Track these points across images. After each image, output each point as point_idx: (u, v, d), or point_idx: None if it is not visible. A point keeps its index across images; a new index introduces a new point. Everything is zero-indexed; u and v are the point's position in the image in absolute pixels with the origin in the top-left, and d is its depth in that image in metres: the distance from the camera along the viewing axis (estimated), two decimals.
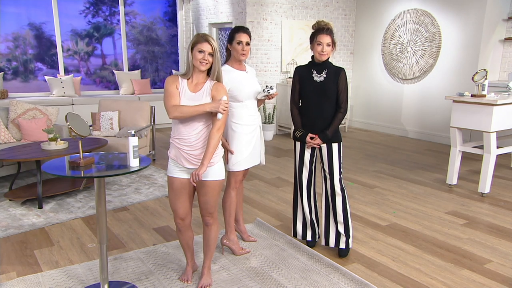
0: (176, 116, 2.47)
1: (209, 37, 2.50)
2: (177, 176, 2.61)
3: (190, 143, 2.54)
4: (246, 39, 3.00)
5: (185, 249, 2.87)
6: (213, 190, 2.64)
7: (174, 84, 2.54)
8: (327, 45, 3.03)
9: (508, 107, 4.47)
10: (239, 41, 2.98)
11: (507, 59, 6.77)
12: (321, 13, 8.14)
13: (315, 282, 2.89)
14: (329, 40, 3.02)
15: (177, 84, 2.54)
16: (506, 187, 4.95)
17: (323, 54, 3.06)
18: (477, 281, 2.94)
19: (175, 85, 2.54)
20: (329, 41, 3.03)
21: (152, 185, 4.99)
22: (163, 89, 2.59)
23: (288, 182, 5.10)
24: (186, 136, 2.54)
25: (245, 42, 2.99)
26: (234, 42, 3.00)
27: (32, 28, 7.93)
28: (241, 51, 2.99)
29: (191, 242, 2.85)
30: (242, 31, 3.00)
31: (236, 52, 3.00)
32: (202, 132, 2.55)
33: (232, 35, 3.02)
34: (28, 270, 3.06)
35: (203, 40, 2.47)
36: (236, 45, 2.99)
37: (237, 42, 2.99)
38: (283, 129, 8.07)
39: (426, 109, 7.42)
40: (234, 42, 3.00)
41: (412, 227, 3.83)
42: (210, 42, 2.47)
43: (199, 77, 2.57)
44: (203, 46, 2.47)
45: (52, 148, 4.36)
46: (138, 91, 8.50)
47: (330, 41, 3.03)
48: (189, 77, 2.57)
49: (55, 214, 4.09)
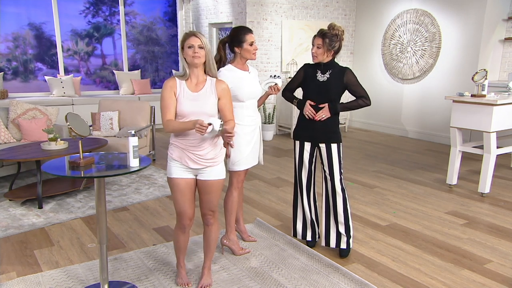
0: (169, 131, 2.53)
1: (196, 32, 2.51)
2: (182, 177, 2.59)
3: (197, 143, 2.54)
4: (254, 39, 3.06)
5: (182, 252, 2.83)
6: (216, 189, 2.66)
7: (171, 90, 2.51)
8: (317, 47, 3.07)
9: (508, 107, 4.47)
10: (251, 42, 3.02)
11: (507, 59, 6.77)
12: (321, 13, 8.14)
13: (315, 282, 2.89)
14: (319, 42, 3.06)
15: (174, 90, 2.52)
16: (506, 187, 4.95)
17: (313, 56, 3.12)
18: (477, 281, 2.94)
19: (173, 91, 2.51)
20: (319, 43, 3.06)
21: (152, 185, 4.99)
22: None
23: (288, 182, 5.10)
24: (192, 138, 2.53)
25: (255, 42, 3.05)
26: (246, 44, 3.00)
27: (32, 28, 7.93)
28: (253, 51, 3.04)
29: (187, 242, 2.84)
30: (250, 31, 3.04)
31: (249, 53, 3.02)
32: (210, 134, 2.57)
33: (242, 37, 3.00)
34: (28, 270, 3.06)
35: (191, 35, 2.49)
36: (249, 47, 3.01)
37: (250, 43, 3.01)
38: (283, 129, 8.07)
39: (426, 109, 7.42)
40: (246, 44, 3.00)
41: (412, 227, 3.83)
42: (198, 36, 2.48)
43: (198, 76, 2.56)
44: (191, 40, 2.47)
45: (52, 148, 4.35)
46: (138, 91, 8.50)
47: (320, 43, 3.05)
48: (187, 77, 2.56)
49: (55, 214, 4.09)
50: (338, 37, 3.05)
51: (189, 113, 2.50)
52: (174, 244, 2.81)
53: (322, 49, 3.06)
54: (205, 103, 2.53)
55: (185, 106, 2.50)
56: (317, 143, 3.19)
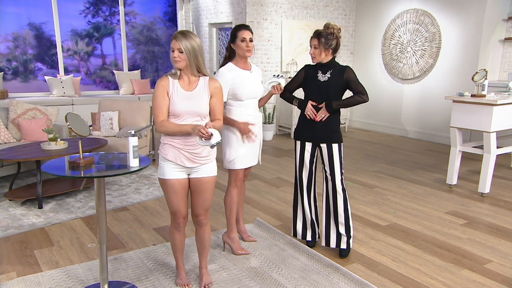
0: (162, 131, 2.54)
1: (179, 34, 2.45)
2: (177, 177, 2.60)
3: (193, 142, 2.54)
4: (249, 36, 3.02)
5: (179, 252, 2.83)
6: (211, 186, 2.68)
7: (164, 89, 2.51)
8: (314, 47, 3.09)
9: (508, 107, 4.47)
10: (243, 38, 3.00)
11: (507, 59, 6.77)
12: (321, 13, 8.14)
13: (315, 282, 2.89)
14: (315, 42, 3.08)
15: (167, 89, 2.51)
16: (506, 187, 4.95)
17: (312, 57, 3.13)
18: (477, 281, 2.94)
19: (165, 90, 2.51)
20: (316, 44, 3.07)
21: (152, 185, 4.99)
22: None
23: (288, 182, 5.10)
24: (189, 136, 2.53)
25: (248, 38, 3.01)
26: (238, 40, 3.01)
27: (32, 28, 7.93)
28: (246, 47, 3.00)
29: (184, 242, 2.85)
30: (244, 28, 3.03)
31: (241, 49, 3.01)
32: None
33: (235, 34, 3.03)
34: (28, 270, 3.06)
35: (173, 38, 2.46)
36: (240, 43, 3.00)
37: (241, 40, 3.00)
38: (283, 129, 8.07)
39: (426, 109, 7.42)
40: (238, 40, 3.01)
41: (412, 227, 3.83)
42: (176, 38, 2.44)
43: (189, 75, 2.55)
44: (173, 44, 2.46)
45: (52, 148, 4.35)
46: (138, 91, 8.49)
47: (316, 43, 3.07)
48: (179, 77, 2.55)
49: (55, 214, 4.09)
50: (334, 35, 3.05)
51: (183, 113, 2.51)
52: (172, 245, 2.82)
53: (318, 49, 3.07)
54: (199, 102, 2.53)
55: (179, 106, 2.50)
56: (318, 143, 3.19)
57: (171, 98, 2.51)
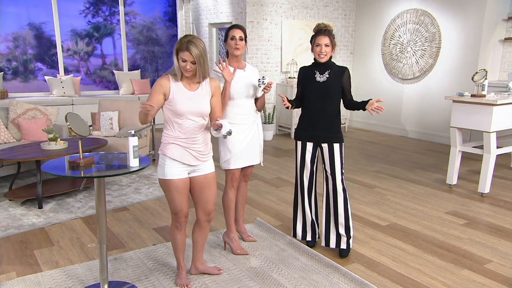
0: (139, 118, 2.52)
1: (191, 45, 2.41)
2: (180, 177, 2.62)
3: (197, 140, 2.61)
4: (239, 34, 3.04)
5: (181, 251, 2.84)
6: (214, 182, 2.78)
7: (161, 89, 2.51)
8: (326, 45, 3.06)
9: (508, 107, 4.47)
10: (232, 36, 3.04)
11: (507, 59, 6.77)
12: (321, 13, 8.14)
13: (315, 282, 2.89)
14: (327, 41, 3.05)
15: (165, 90, 2.52)
16: (506, 187, 4.95)
17: (322, 55, 3.09)
18: (477, 281, 2.94)
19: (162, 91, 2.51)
20: (327, 42, 3.05)
21: (152, 185, 4.99)
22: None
23: (288, 182, 5.10)
24: (193, 135, 2.59)
25: (238, 37, 3.03)
26: (228, 38, 3.07)
27: (32, 28, 7.93)
28: (234, 45, 3.04)
29: (185, 241, 2.86)
30: (235, 27, 3.08)
31: (230, 47, 3.07)
32: (204, 129, 2.65)
33: (227, 33, 3.10)
34: (28, 270, 3.06)
35: (184, 49, 2.43)
36: (230, 41, 3.06)
37: (230, 38, 3.05)
38: (283, 129, 8.07)
39: (426, 109, 7.42)
40: (228, 39, 3.07)
41: (412, 227, 3.83)
42: (190, 51, 2.41)
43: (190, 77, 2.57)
44: (185, 55, 2.44)
45: (52, 148, 4.35)
46: (138, 91, 8.50)
47: (328, 42, 3.05)
48: (181, 79, 2.57)
49: (55, 214, 4.09)
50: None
51: (186, 112, 2.54)
52: (173, 244, 2.83)
53: (330, 46, 3.08)
54: (202, 102, 2.58)
55: (182, 105, 2.52)
56: (319, 143, 3.19)
57: (174, 99, 2.53)
